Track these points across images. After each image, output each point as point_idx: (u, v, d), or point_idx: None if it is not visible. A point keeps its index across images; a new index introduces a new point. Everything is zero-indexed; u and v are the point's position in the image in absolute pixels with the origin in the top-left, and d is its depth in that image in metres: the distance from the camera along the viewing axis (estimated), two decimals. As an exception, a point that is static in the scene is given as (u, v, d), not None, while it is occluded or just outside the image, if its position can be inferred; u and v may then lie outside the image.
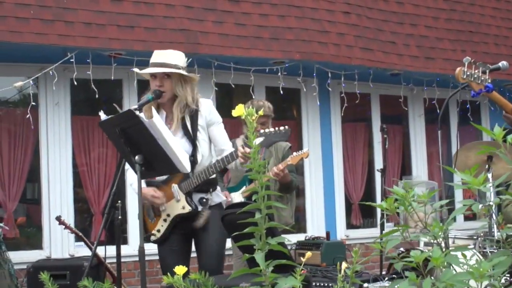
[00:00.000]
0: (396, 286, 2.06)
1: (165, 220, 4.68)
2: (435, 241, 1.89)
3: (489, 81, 4.05)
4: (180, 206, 4.60)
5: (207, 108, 4.65)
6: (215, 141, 4.69)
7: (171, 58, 4.63)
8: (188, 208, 4.58)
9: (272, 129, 4.32)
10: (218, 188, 4.83)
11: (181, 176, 4.58)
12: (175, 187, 4.62)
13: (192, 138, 4.61)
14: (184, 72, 4.60)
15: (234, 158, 4.41)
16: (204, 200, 4.61)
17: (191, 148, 4.60)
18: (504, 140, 1.83)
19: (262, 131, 4.40)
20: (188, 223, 4.64)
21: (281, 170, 5.95)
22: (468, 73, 3.92)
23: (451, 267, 1.81)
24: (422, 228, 4.05)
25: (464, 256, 1.76)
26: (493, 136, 1.84)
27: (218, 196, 4.76)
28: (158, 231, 4.73)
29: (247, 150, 4.17)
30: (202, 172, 4.53)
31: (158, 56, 4.67)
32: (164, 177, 4.67)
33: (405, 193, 1.89)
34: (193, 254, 4.87)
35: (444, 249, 3.14)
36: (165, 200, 4.67)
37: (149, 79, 4.75)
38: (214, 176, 4.70)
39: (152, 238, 4.78)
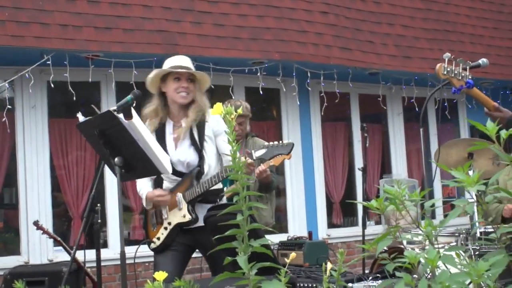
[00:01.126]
0: (383, 287, 2.02)
1: (165, 228, 4.65)
2: (428, 240, 1.86)
3: (470, 77, 4.03)
4: (181, 214, 4.57)
5: (215, 119, 4.60)
6: (223, 151, 4.63)
7: (191, 65, 4.76)
8: (188, 217, 4.54)
9: (275, 142, 4.34)
10: (225, 198, 4.77)
11: (187, 186, 4.55)
12: (179, 195, 4.58)
13: (199, 149, 4.59)
14: (208, 80, 4.74)
15: (223, 176, 4.38)
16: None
17: (198, 159, 4.58)
18: (497, 136, 1.80)
19: (266, 143, 4.41)
20: (186, 235, 4.60)
21: (264, 170, 5.94)
22: (448, 69, 3.90)
23: (445, 267, 1.78)
24: (407, 225, 4.02)
25: (458, 255, 1.73)
26: (486, 131, 1.80)
27: None
28: (158, 238, 4.68)
29: (250, 161, 4.25)
30: (206, 181, 4.49)
31: (181, 60, 4.76)
32: (171, 186, 4.64)
33: (398, 192, 1.86)
34: (195, 254, 4.84)
35: (426, 248, 3.12)
36: (168, 208, 4.62)
37: (154, 86, 4.70)
38: (220, 187, 4.68)
39: (152, 245, 4.74)
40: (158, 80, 4.70)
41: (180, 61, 4.72)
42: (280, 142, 4.34)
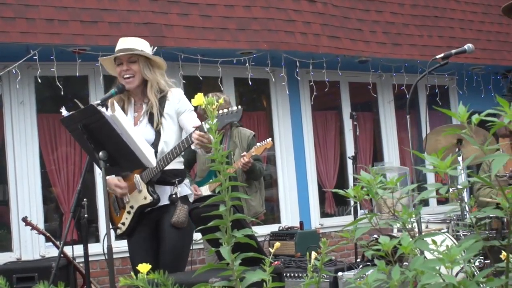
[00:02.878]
0: (363, 275, 2.01)
1: (129, 212, 4.57)
2: (404, 227, 1.84)
3: None
4: (142, 196, 4.49)
5: (177, 97, 4.55)
6: (186, 129, 4.52)
7: (137, 44, 4.60)
8: (149, 199, 4.46)
9: (225, 110, 4.20)
10: (187, 180, 4.69)
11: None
12: (137, 177, 4.50)
13: (155, 126, 4.51)
14: (150, 55, 4.54)
15: (189, 142, 4.25)
16: (173, 196, 4.49)
17: (154, 136, 4.49)
18: (468, 121, 1.79)
19: (218, 113, 4.25)
20: (152, 216, 4.55)
21: (248, 162, 5.96)
22: None
23: (423, 253, 1.76)
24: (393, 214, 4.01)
25: (434, 242, 1.71)
26: (457, 118, 1.79)
27: (184, 189, 4.60)
28: (123, 224, 4.61)
29: (200, 133, 4.11)
30: (160, 160, 4.39)
31: (123, 42, 4.63)
32: None
33: (372, 179, 1.84)
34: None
35: (416, 235, 3.10)
36: (128, 191, 4.56)
37: (116, 72, 4.65)
38: (182, 167, 4.62)
39: (118, 231, 4.67)
40: (112, 65, 4.68)
41: (121, 44, 4.62)
42: (230, 109, 4.19)
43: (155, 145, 4.43)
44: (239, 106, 4.21)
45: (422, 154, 1.85)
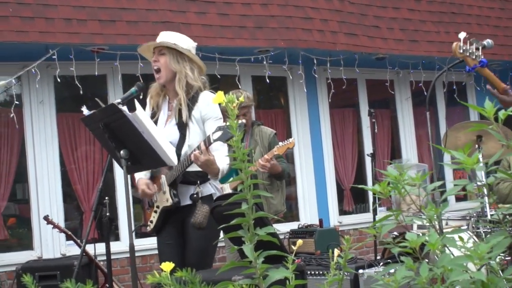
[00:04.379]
0: (391, 271, 2.01)
1: (155, 212, 4.60)
2: (430, 224, 1.84)
3: (482, 56, 4.05)
4: (165, 198, 4.51)
5: (206, 101, 4.46)
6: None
7: (171, 37, 4.62)
8: (170, 201, 4.46)
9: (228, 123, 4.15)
10: (212, 180, 4.64)
11: (170, 167, 4.45)
12: (163, 178, 4.53)
13: (182, 129, 4.48)
14: (179, 48, 4.52)
15: (190, 160, 4.27)
16: (195, 195, 4.48)
17: (178, 138, 4.48)
18: (495, 117, 1.78)
19: (220, 125, 4.23)
20: (177, 216, 4.56)
21: (268, 160, 5.94)
22: (464, 48, 3.92)
23: (448, 250, 1.76)
24: (415, 211, 4.01)
25: (461, 238, 1.71)
26: (483, 113, 1.79)
27: (208, 188, 4.57)
28: (151, 222, 4.64)
29: (196, 153, 4.14)
30: (180, 163, 4.37)
31: (160, 36, 4.68)
32: None
33: (398, 175, 1.84)
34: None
35: (438, 232, 3.10)
36: (157, 188, 4.57)
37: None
38: None
39: (148, 228, 4.71)
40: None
41: (158, 38, 4.68)
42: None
43: (179, 147, 4.42)
44: (243, 120, 4.23)
45: (448, 150, 1.85)
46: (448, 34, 10.24)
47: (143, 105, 4.35)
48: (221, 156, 4.31)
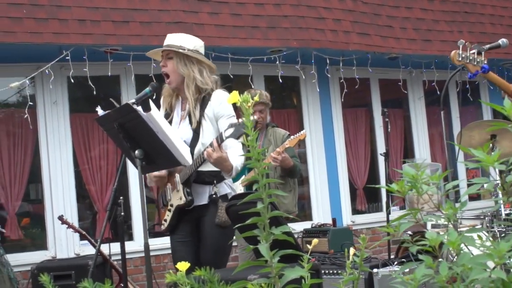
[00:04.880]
0: (407, 270, 2.01)
1: (169, 210, 4.59)
2: (449, 222, 1.83)
3: (485, 62, 4.04)
4: (178, 197, 4.50)
5: (218, 100, 4.45)
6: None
7: (177, 40, 4.59)
8: (183, 200, 4.45)
9: (241, 120, 4.15)
10: (228, 180, 4.63)
11: (183, 166, 4.45)
12: (177, 176, 4.52)
13: (195, 128, 4.47)
14: (185, 52, 4.50)
15: (204, 158, 4.27)
16: (213, 196, 4.46)
17: (191, 137, 4.48)
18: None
19: (232, 122, 4.23)
20: (192, 215, 4.57)
21: (279, 153, 5.93)
22: (463, 55, 3.92)
23: (467, 249, 1.76)
24: (431, 209, 3.99)
25: (480, 237, 1.70)
26: (503, 111, 1.78)
27: (224, 188, 4.57)
28: (165, 220, 4.64)
29: (209, 150, 4.14)
30: (193, 162, 4.36)
31: (167, 39, 4.66)
32: None
33: (416, 174, 1.83)
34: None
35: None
36: (172, 187, 4.56)
37: None
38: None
39: (162, 227, 4.71)
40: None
41: (165, 41, 4.65)
42: (238, 121, 4.16)
43: (192, 145, 4.40)
44: (256, 116, 4.18)
45: (467, 148, 1.84)
46: (461, 33, 10.21)
47: (157, 106, 4.36)
48: (234, 154, 4.31)
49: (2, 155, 7.78)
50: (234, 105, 3.88)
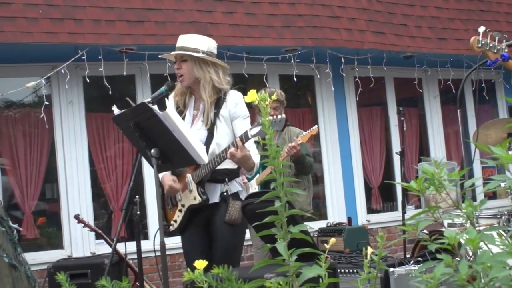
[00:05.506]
0: (424, 269, 2.00)
1: (180, 211, 4.59)
2: (467, 221, 1.82)
3: (506, 50, 3.97)
4: (192, 196, 4.50)
5: (234, 100, 4.47)
6: (238, 135, 4.42)
7: (191, 41, 4.56)
8: (198, 199, 4.45)
9: (270, 118, 4.16)
10: (239, 178, 4.65)
11: (196, 166, 4.45)
12: (188, 177, 4.51)
13: (209, 127, 4.49)
14: (200, 55, 4.48)
15: (225, 156, 4.27)
16: (225, 193, 4.48)
17: (206, 137, 4.48)
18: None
19: (259, 120, 4.25)
20: (203, 215, 4.57)
21: (294, 147, 5.93)
22: (483, 42, 3.84)
23: (487, 247, 1.74)
24: (448, 208, 3.97)
25: (500, 235, 1.69)
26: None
27: (235, 186, 4.57)
28: (175, 221, 4.63)
29: (233, 149, 4.14)
30: (210, 161, 4.37)
31: (180, 40, 4.63)
32: None
33: (435, 171, 1.82)
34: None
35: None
36: (182, 187, 4.56)
37: None
38: (234, 167, 4.57)
39: (171, 228, 4.70)
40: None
41: (178, 42, 4.63)
42: (274, 117, 4.15)
43: (206, 145, 4.39)
44: (283, 115, 4.19)
45: (486, 146, 1.83)
46: (477, 32, 10.14)
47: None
48: (253, 152, 4.32)
49: (18, 155, 7.83)
50: (248, 104, 3.92)
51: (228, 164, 4.46)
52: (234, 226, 4.44)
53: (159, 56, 4.95)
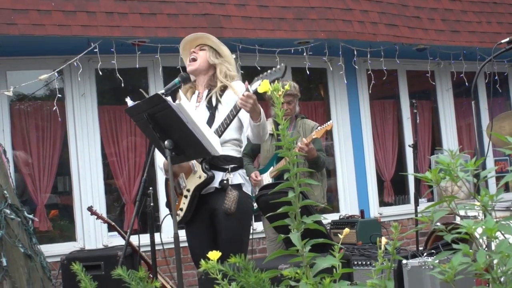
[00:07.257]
0: (440, 259, 1.99)
1: (185, 197, 4.56)
2: (485, 210, 1.81)
3: None
4: (196, 176, 4.49)
5: (241, 90, 4.45)
6: (245, 124, 4.50)
7: (209, 35, 4.77)
8: (204, 176, 4.44)
9: (268, 71, 4.23)
10: (243, 170, 4.66)
11: None
12: (192, 161, 4.51)
13: (211, 111, 4.54)
14: (217, 45, 4.68)
15: (238, 109, 4.32)
16: (225, 181, 4.48)
17: (208, 118, 4.52)
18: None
19: (261, 75, 4.30)
20: (206, 207, 4.57)
21: (306, 144, 5.91)
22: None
23: (503, 237, 1.73)
24: (461, 200, 3.95)
25: (517, 226, 1.68)
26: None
27: (237, 178, 4.57)
28: (181, 209, 4.61)
29: (243, 96, 4.15)
30: (216, 130, 4.42)
31: (200, 35, 4.82)
32: None
33: (452, 162, 1.81)
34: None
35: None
36: (185, 176, 4.57)
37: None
38: (238, 155, 4.60)
39: (177, 218, 4.70)
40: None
41: (198, 35, 4.87)
42: (273, 68, 4.21)
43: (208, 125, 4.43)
44: (282, 64, 4.24)
45: (504, 136, 1.82)
46: (490, 24, 10.11)
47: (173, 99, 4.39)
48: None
49: (31, 148, 7.85)
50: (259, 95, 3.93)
51: (231, 151, 4.51)
52: (238, 218, 4.43)
53: (181, 43, 4.94)
